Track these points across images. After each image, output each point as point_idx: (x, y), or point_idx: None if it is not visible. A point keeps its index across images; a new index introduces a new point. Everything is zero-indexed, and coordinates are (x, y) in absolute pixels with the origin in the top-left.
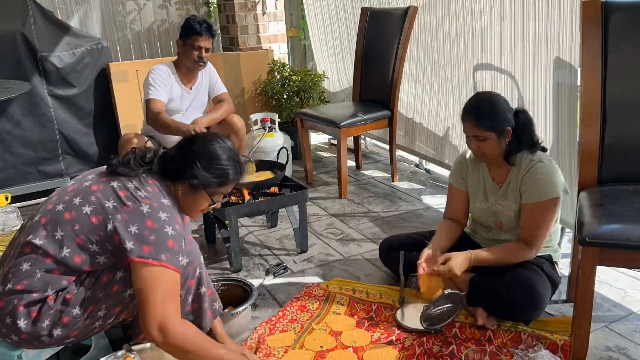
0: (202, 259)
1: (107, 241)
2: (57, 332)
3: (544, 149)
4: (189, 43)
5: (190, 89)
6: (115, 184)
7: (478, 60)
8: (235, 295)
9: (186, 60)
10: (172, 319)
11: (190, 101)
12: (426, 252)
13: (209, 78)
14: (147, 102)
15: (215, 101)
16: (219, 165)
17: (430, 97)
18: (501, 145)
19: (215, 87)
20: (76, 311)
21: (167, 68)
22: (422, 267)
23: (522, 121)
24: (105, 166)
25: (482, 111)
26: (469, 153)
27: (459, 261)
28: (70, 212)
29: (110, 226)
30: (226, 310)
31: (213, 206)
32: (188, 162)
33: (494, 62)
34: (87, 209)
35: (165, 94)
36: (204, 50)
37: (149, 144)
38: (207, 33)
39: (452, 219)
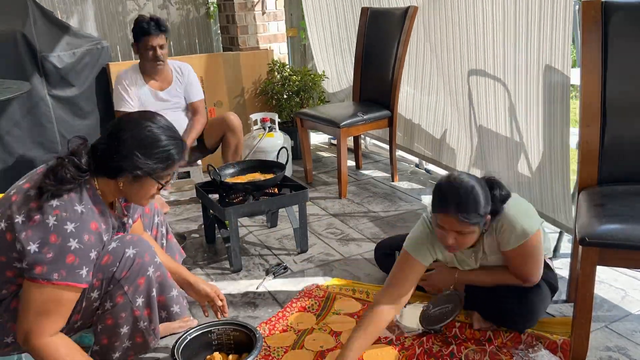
0: (157, 259)
1: (20, 260)
2: (9, 339)
3: (508, 195)
4: (142, 45)
5: (161, 90)
6: (32, 192)
7: (472, 62)
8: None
9: (144, 61)
10: (36, 334)
11: (164, 104)
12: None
13: (185, 83)
14: (117, 114)
15: (190, 107)
16: (160, 149)
17: (428, 98)
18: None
19: (190, 93)
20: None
21: (133, 73)
22: None
23: (499, 199)
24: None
25: (468, 206)
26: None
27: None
28: None
29: (18, 246)
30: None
31: (162, 189)
32: (126, 154)
33: (488, 65)
34: (2, 225)
35: (135, 102)
36: (158, 49)
37: None
38: (156, 30)
39: (390, 303)
